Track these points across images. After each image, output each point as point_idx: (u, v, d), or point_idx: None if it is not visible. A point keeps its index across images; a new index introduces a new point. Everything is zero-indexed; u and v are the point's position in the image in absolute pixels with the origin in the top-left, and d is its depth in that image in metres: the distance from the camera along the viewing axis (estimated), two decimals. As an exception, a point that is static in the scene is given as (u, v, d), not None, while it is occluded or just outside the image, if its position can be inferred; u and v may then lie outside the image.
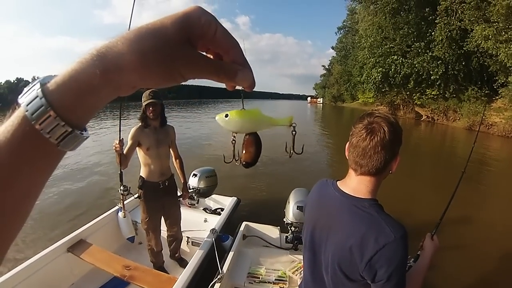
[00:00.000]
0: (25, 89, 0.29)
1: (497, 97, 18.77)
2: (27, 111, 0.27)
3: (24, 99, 0.28)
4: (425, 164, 10.20)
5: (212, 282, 2.24)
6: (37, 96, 0.27)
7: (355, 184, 1.06)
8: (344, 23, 55.69)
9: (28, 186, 0.29)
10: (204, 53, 0.35)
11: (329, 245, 1.06)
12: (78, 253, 2.69)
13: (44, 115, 0.27)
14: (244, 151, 0.55)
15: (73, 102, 0.28)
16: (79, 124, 0.30)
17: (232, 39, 0.34)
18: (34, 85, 0.28)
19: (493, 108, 18.85)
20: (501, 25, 16.14)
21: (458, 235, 4.42)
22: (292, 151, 0.67)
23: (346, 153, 1.11)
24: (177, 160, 3.09)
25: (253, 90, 0.37)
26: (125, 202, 3.41)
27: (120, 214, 3.37)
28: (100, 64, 0.28)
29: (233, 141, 0.57)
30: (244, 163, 0.56)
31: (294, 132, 0.62)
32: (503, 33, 16.10)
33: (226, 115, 0.50)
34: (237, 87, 0.37)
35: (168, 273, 2.85)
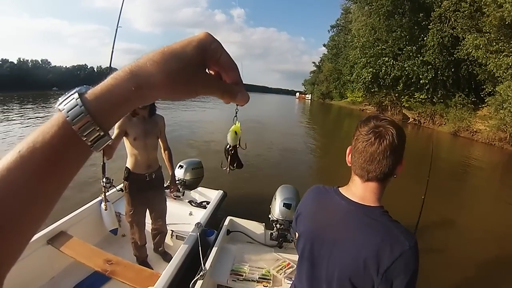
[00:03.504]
0: (62, 98, 0.33)
1: (483, 105, 19.24)
2: (67, 116, 0.32)
3: (64, 106, 0.32)
4: (408, 167, 10.36)
5: (195, 279, 2.18)
6: (77, 105, 0.32)
7: (361, 191, 1.00)
8: (338, 22, 55.90)
9: (60, 179, 0.33)
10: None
11: (335, 260, 0.99)
12: (58, 246, 2.57)
13: (82, 120, 0.32)
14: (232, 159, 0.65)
15: (108, 111, 0.34)
16: (108, 128, 0.35)
17: (232, 63, 0.40)
18: (72, 94, 0.33)
19: (478, 116, 19.34)
20: (492, 35, 16.47)
21: (435, 241, 4.49)
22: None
23: (348, 159, 1.05)
24: (166, 152, 2.97)
25: (243, 83, 0.42)
26: (107, 194, 3.28)
27: (102, 206, 3.24)
28: (133, 81, 0.33)
29: (231, 151, 0.64)
30: (236, 168, 0.67)
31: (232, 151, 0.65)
32: (494, 43, 16.44)
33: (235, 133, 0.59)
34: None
35: (152, 267, 2.79)
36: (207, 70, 0.39)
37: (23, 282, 2.28)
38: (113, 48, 3.27)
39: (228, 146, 0.63)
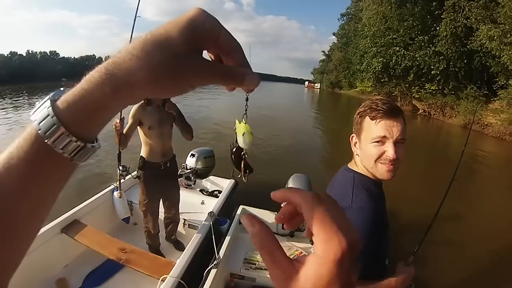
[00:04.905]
0: (35, 107, 0.30)
1: (495, 98, 18.84)
2: (39, 129, 0.28)
3: (35, 116, 0.29)
4: (419, 160, 10.25)
5: (209, 268, 2.21)
6: (48, 115, 0.28)
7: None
8: (348, 10, 55.03)
9: (43, 196, 0.31)
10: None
11: None
12: (72, 234, 2.61)
13: (56, 133, 0.28)
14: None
15: (85, 119, 0.30)
16: (90, 137, 0.31)
17: (234, 42, 0.33)
18: (44, 102, 0.29)
19: (490, 109, 18.95)
20: (507, 27, 15.96)
21: (448, 234, 4.46)
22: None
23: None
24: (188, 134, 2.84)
25: (253, 71, 0.35)
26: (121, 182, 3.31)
27: (116, 194, 3.29)
28: (110, 83, 0.28)
29: (244, 155, 0.56)
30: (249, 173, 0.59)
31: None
32: (509, 35, 15.93)
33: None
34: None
35: (164, 256, 2.83)
36: (205, 53, 0.34)
37: (37, 270, 2.32)
38: (131, 39, 3.27)
39: (235, 150, 0.54)
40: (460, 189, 6.14)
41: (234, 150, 0.54)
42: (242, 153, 0.54)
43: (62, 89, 0.31)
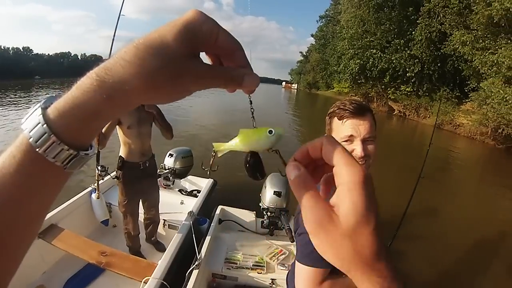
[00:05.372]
0: (27, 114, 0.29)
1: (466, 100, 19.63)
2: (30, 138, 0.28)
3: (26, 125, 0.28)
4: (392, 159, 10.55)
5: (191, 268, 2.21)
6: (39, 123, 0.28)
7: None
8: (327, 12, 55.74)
9: (37, 204, 0.30)
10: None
11: None
12: (49, 240, 2.53)
13: (47, 142, 0.27)
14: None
15: (77, 127, 0.29)
16: (83, 144, 0.30)
17: (234, 42, 0.32)
18: (35, 109, 0.29)
19: (461, 110, 19.76)
20: (479, 33, 16.77)
21: (420, 229, 4.65)
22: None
23: None
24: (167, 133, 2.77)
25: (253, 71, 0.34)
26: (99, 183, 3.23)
27: (94, 195, 3.21)
28: (101, 90, 0.27)
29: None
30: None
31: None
32: (481, 41, 16.72)
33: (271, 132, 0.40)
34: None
35: (145, 258, 2.78)
36: (203, 55, 0.33)
37: (14, 278, 2.21)
38: (113, 37, 3.22)
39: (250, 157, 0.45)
40: (431, 185, 6.41)
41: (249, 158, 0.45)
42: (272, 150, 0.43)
43: (54, 95, 0.30)
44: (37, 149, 0.28)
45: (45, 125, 0.27)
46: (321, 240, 0.30)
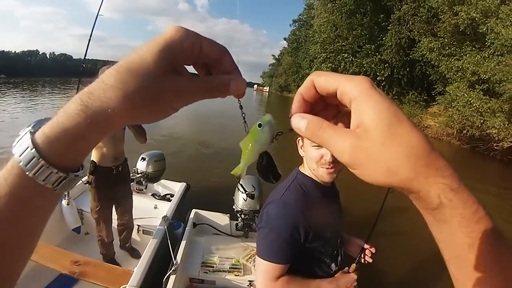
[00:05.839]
0: (17, 138, 0.30)
1: (433, 103, 20.49)
2: (20, 161, 0.28)
3: (17, 149, 0.29)
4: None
5: (167, 274, 2.18)
6: (28, 147, 0.28)
7: None
8: (300, 17, 56.68)
9: (30, 225, 0.31)
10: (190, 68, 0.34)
11: None
12: (18, 250, 2.41)
13: (36, 165, 0.28)
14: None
15: (64, 151, 0.29)
16: (73, 166, 0.31)
17: (219, 49, 0.33)
18: (25, 134, 0.30)
19: (429, 113, 20.67)
20: (446, 40, 17.68)
21: (393, 228, 4.80)
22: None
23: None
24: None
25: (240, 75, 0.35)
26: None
27: (64, 202, 3.09)
28: (85, 115, 0.28)
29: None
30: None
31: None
32: (447, 48, 17.59)
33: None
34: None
35: (120, 265, 2.73)
36: (191, 69, 0.34)
37: None
38: (89, 38, 3.12)
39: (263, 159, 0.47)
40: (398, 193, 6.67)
41: (261, 159, 0.46)
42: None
43: (43, 118, 0.31)
44: (27, 173, 0.28)
45: (33, 150, 0.28)
46: (366, 165, 0.28)
